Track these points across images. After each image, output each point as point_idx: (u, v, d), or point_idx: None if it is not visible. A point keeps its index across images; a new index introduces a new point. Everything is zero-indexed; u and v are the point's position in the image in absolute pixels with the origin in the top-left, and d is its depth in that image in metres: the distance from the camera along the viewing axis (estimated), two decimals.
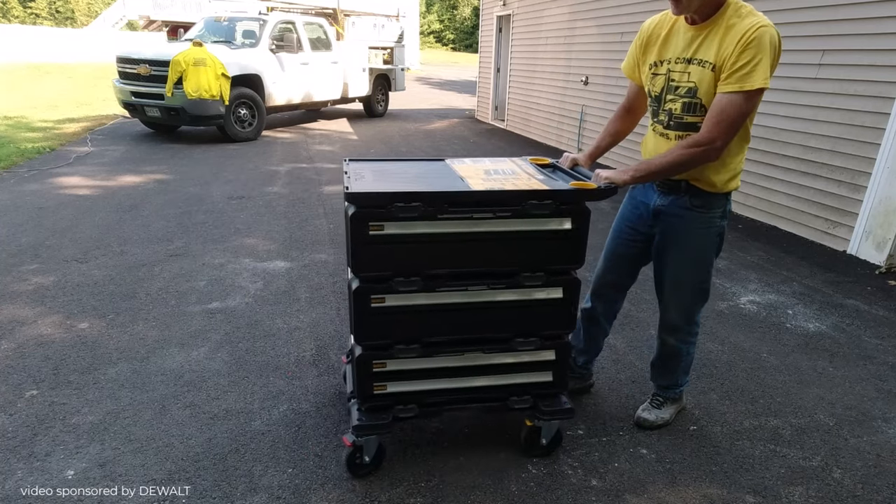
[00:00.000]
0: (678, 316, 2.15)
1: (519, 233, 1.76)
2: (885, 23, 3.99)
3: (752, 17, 1.72)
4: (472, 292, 1.81)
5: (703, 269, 2.05)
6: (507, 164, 2.12)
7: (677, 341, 2.19)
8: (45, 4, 42.47)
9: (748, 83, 1.69)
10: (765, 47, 1.67)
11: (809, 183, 4.62)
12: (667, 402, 2.32)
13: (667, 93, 1.89)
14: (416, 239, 1.71)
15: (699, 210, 1.94)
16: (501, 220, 1.74)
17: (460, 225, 1.72)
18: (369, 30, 11.98)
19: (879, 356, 2.89)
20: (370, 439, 1.92)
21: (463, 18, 51.44)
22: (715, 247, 2.02)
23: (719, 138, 1.75)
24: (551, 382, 1.99)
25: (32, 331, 2.87)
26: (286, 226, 4.64)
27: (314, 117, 11.31)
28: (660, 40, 1.92)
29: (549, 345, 1.94)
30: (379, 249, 1.70)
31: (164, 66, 7.53)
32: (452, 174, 1.97)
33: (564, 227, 1.78)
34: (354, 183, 1.78)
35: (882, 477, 2.06)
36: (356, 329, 1.81)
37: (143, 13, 16.29)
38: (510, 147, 8.89)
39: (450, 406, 1.97)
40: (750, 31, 1.68)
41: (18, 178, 5.87)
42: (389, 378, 1.86)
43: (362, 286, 1.73)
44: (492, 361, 1.92)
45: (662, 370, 2.30)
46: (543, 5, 8.96)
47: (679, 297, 2.12)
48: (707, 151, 1.77)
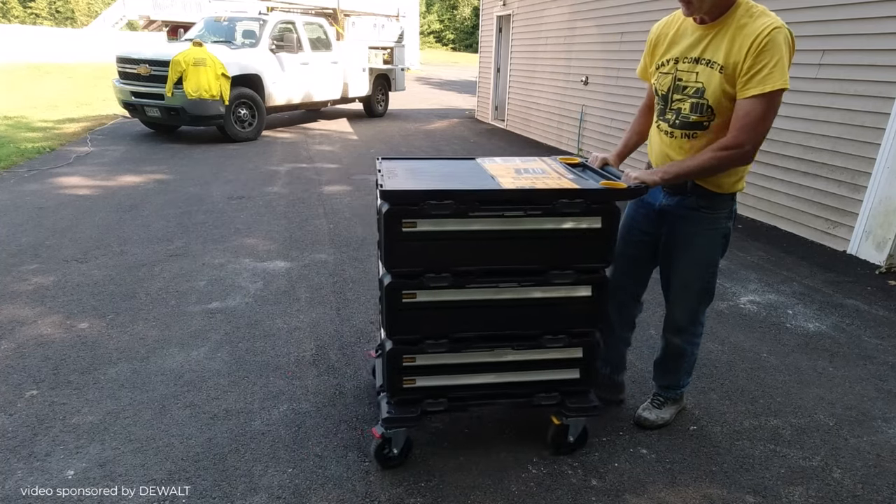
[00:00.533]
0: (683, 316, 2.15)
1: (549, 231, 1.77)
2: (885, 23, 3.98)
3: (763, 18, 1.71)
4: (501, 289, 1.82)
5: (708, 270, 2.05)
6: (538, 163, 2.14)
7: (682, 342, 2.19)
8: (45, 4, 42.47)
9: (768, 85, 1.69)
10: (780, 48, 1.67)
11: (809, 183, 4.62)
12: (668, 402, 2.32)
13: (674, 92, 1.89)
14: (448, 236, 1.73)
15: (705, 211, 1.95)
16: (532, 219, 1.75)
17: (491, 223, 1.74)
18: (369, 30, 11.98)
19: (879, 356, 2.89)
20: (399, 432, 1.95)
21: (463, 18, 51.45)
22: (720, 248, 2.03)
23: (748, 142, 1.76)
24: (578, 380, 2.00)
25: (32, 331, 2.87)
26: (286, 226, 4.64)
27: (314, 117, 11.31)
28: (668, 40, 1.93)
29: (578, 342, 1.95)
30: (411, 246, 1.72)
31: (164, 66, 7.53)
32: (483, 173, 1.98)
33: (594, 226, 1.79)
34: (388, 181, 1.79)
35: (882, 477, 2.06)
36: (388, 324, 1.83)
37: (143, 13, 16.29)
38: (510, 147, 8.89)
39: (477, 401, 1.98)
40: (763, 34, 1.67)
41: (18, 178, 5.87)
42: (419, 373, 1.89)
43: (394, 282, 1.75)
44: (520, 358, 1.93)
45: (665, 370, 2.29)
46: (543, 5, 8.96)
47: (685, 298, 2.12)
48: (737, 154, 1.78)
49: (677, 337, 2.19)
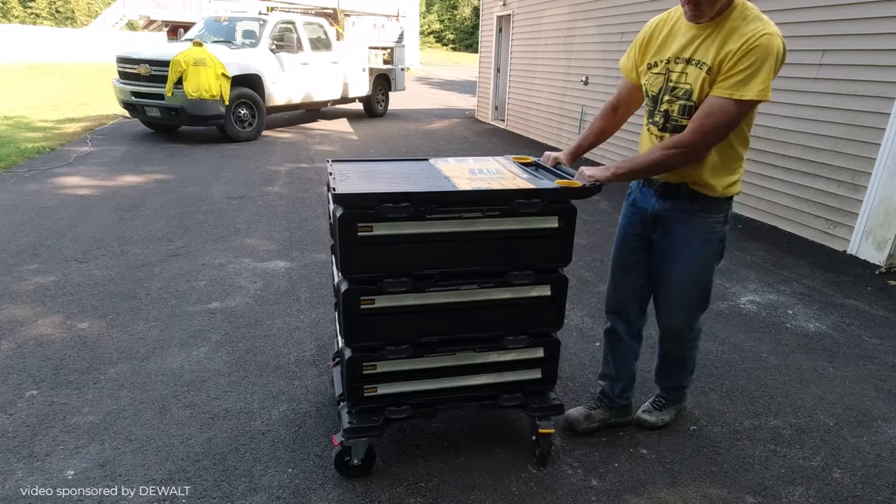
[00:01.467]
0: (680, 323, 2.09)
1: (507, 231, 1.77)
2: (885, 23, 3.98)
3: (757, 22, 1.64)
4: (461, 292, 1.81)
5: (704, 276, 1.99)
6: (491, 163, 2.14)
7: (681, 348, 2.16)
8: (45, 4, 42.48)
9: (742, 91, 1.62)
10: (767, 56, 1.59)
11: (809, 183, 4.62)
12: (669, 403, 2.30)
13: (664, 93, 1.84)
14: (406, 239, 1.71)
15: (700, 215, 1.90)
16: (490, 220, 1.75)
17: (449, 225, 1.72)
18: (369, 30, 12.01)
19: (879, 356, 2.89)
20: (359, 441, 1.90)
21: (463, 18, 51.45)
22: (716, 253, 1.96)
23: (700, 142, 1.70)
24: (540, 379, 2.00)
25: (32, 331, 2.87)
26: (286, 226, 4.64)
27: (314, 117, 11.31)
28: (660, 38, 1.87)
29: (539, 342, 1.95)
30: (368, 251, 1.70)
31: (164, 66, 7.53)
32: (438, 174, 1.97)
33: (552, 226, 1.79)
34: (341, 184, 1.76)
35: (882, 477, 2.06)
36: (346, 331, 1.80)
37: (143, 13, 16.31)
38: (510, 147, 8.89)
39: (442, 406, 1.97)
40: (754, 37, 1.60)
41: (18, 178, 5.87)
42: (380, 380, 1.86)
43: (352, 288, 1.72)
44: (483, 360, 1.93)
45: (667, 375, 2.27)
46: (543, 5, 8.95)
47: (680, 304, 2.05)
48: (686, 153, 1.73)
49: (675, 344, 2.15)
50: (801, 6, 4.58)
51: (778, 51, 1.61)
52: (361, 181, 1.85)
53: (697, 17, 1.71)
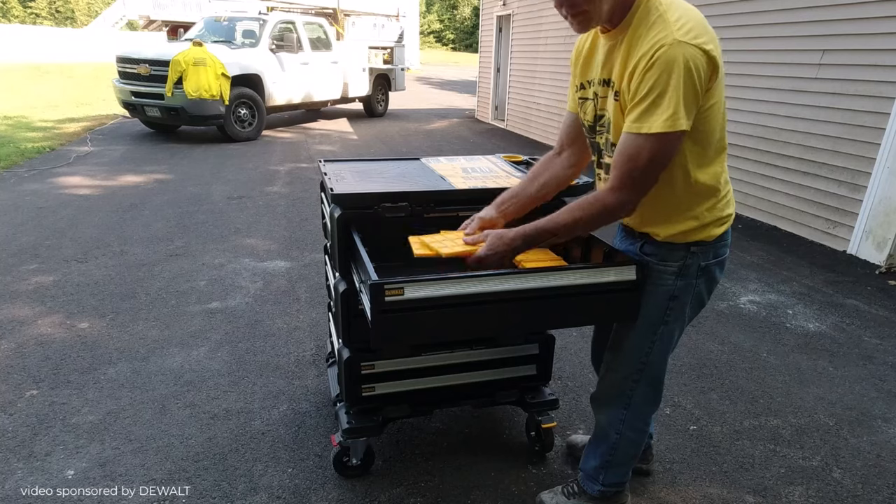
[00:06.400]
0: (606, 388, 1.67)
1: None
2: (885, 23, 3.98)
3: (658, 28, 1.22)
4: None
5: (639, 340, 1.53)
6: (483, 162, 2.16)
7: (605, 421, 1.69)
8: (45, 4, 42.46)
9: (649, 123, 1.22)
10: (669, 74, 1.18)
11: (809, 183, 4.62)
12: (581, 495, 1.77)
13: (598, 124, 1.46)
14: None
15: (650, 258, 1.48)
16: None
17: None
18: (369, 30, 11.99)
19: (879, 356, 2.89)
20: (358, 441, 1.90)
21: (463, 18, 51.45)
22: (663, 311, 1.48)
23: (623, 189, 1.30)
24: (535, 375, 2.03)
25: (32, 331, 2.87)
26: (286, 226, 4.64)
27: (314, 117, 11.31)
28: (584, 53, 1.48)
29: (533, 339, 1.98)
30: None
31: (164, 66, 7.53)
32: (432, 173, 1.98)
33: None
34: (337, 184, 1.76)
35: (882, 477, 2.06)
36: (343, 332, 1.80)
37: (143, 13, 16.27)
38: (510, 147, 8.88)
39: (440, 404, 1.98)
40: (652, 50, 1.20)
41: (18, 178, 5.87)
42: (378, 379, 1.86)
43: (349, 288, 1.72)
44: (479, 358, 1.94)
45: (587, 450, 1.79)
46: (543, 5, 8.95)
47: (612, 366, 1.62)
48: (612, 210, 1.34)
49: (600, 412, 1.71)
50: (801, 6, 4.57)
51: (686, 63, 1.17)
52: (357, 181, 1.86)
53: (584, 25, 1.33)
